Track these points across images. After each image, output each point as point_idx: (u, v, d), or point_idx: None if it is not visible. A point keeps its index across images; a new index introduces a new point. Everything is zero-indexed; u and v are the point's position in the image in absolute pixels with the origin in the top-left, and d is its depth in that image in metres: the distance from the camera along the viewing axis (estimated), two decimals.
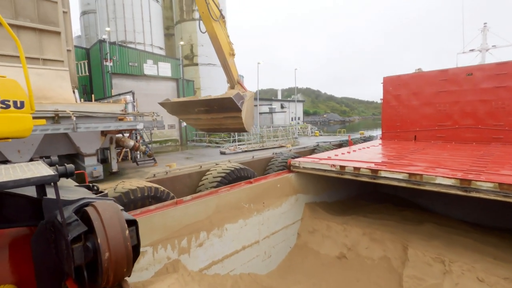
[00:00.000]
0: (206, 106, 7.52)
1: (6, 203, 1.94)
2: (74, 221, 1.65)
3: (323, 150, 14.66)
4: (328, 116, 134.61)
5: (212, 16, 7.04)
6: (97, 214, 1.59)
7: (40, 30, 10.55)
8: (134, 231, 1.77)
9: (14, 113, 2.45)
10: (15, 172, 1.50)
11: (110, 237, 1.54)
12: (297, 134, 28.30)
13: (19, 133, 2.55)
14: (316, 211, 8.18)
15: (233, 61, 7.92)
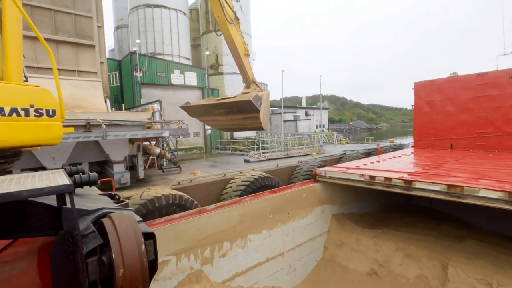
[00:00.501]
0: (226, 108, 7.66)
1: (29, 212, 1.93)
2: (91, 233, 1.58)
3: (351, 159, 14.10)
4: (354, 123, 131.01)
5: (227, 19, 7.18)
6: (113, 227, 1.51)
7: (76, 44, 11.24)
8: (151, 245, 1.66)
9: (46, 121, 2.52)
10: (33, 181, 1.47)
11: (125, 252, 1.44)
12: (322, 142, 27.66)
13: (50, 141, 2.61)
14: (344, 223, 7.77)
15: (247, 61, 8.01)
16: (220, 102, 7.62)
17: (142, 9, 31.00)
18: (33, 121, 2.37)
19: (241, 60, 7.80)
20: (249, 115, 7.75)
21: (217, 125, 9.08)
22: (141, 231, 1.61)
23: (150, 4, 30.61)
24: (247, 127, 8.77)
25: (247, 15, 35.39)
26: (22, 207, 1.90)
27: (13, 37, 2.38)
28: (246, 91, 8.09)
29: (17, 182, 1.45)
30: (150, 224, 5.15)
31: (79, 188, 2.42)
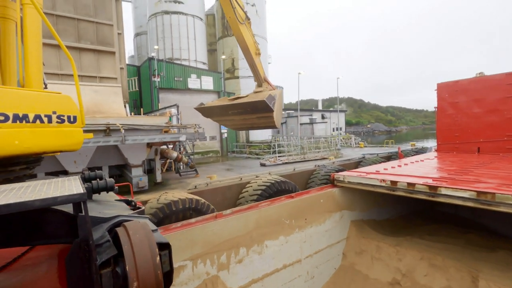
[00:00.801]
0: (240, 109, 7.72)
1: (47, 219, 1.93)
2: (106, 243, 1.55)
3: (370, 163, 13.71)
4: (372, 126, 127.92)
5: (238, 19, 7.23)
6: (127, 237, 1.47)
7: (98, 51, 11.63)
8: (167, 255, 1.60)
9: (67, 127, 2.56)
10: (48, 189, 1.45)
11: (139, 264, 1.39)
12: (340, 145, 27.13)
13: (71, 146, 2.66)
14: (364, 230, 7.50)
15: (259, 60, 8.02)
16: (234, 103, 7.68)
17: (160, 16, 31.79)
18: (55, 127, 2.42)
19: (253, 59, 7.82)
20: (263, 114, 7.77)
21: (231, 124, 9.17)
22: (156, 241, 1.56)
23: (168, 11, 31.34)
24: (260, 126, 8.85)
25: (263, 19, 35.48)
26: (41, 214, 1.90)
27: (34, 45, 2.44)
28: (258, 89, 8.13)
29: (33, 190, 1.44)
30: (167, 228, 5.16)
31: (96, 193, 2.44)
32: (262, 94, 7.77)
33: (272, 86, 8.18)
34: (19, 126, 2.12)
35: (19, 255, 3.01)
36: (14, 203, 1.19)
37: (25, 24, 2.55)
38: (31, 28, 2.57)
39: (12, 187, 1.61)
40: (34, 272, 2.89)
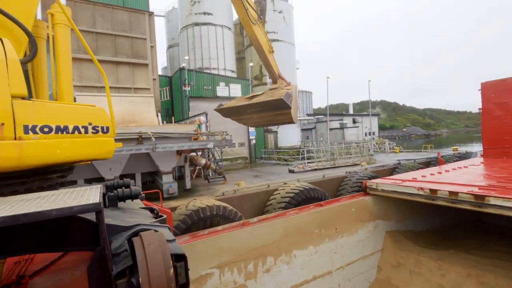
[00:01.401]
0: (258, 108, 7.89)
1: (72, 226, 1.97)
2: (123, 252, 1.54)
3: (406, 169, 12.89)
4: (408, 130, 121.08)
5: (251, 20, 7.42)
6: (142, 248, 1.44)
7: (133, 64, 12.31)
8: (182, 267, 1.55)
9: (101, 137, 2.73)
10: (69, 198, 1.48)
11: (153, 276, 1.36)
12: (372, 151, 25.96)
13: (104, 155, 2.81)
14: (401, 242, 6.99)
15: (273, 58, 8.16)
16: (252, 102, 7.81)
17: (191, 28, 33.13)
18: (90, 137, 2.59)
19: (266, 57, 7.99)
20: (281, 111, 7.91)
21: (249, 122, 9.45)
22: (171, 253, 1.52)
23: (198, 22, 32.57)
24: (278, 122, 9.11)
25: (290, 25, 35.48)
26: (68, 222, 1.96)
27: (65, 61, 2.62)
28: (273, 86, 8.27)
29: (55, 200, 1.48)
30: (195, 235, 5.20)
31: (121, 201, 2.48)
32: (278, 91, 7.87)
33: (287, 81, 8.34)
34: (60, 137, 2.29)
35: (54, 260, 3.16)
36: (31, 213, 1.21)
37: (56, 42, 2.76)
38: (62, 46, 2.77)
39: (39, 196, 1.67)
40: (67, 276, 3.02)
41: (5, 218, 1.17)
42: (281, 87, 8.06)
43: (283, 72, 26.19)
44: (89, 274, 1.66)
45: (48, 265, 3.05)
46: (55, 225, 2.00)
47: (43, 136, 2.17)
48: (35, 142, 2.11)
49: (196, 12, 33.07)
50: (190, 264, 4.96)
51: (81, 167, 7.76)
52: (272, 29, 33.95)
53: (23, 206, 1.36)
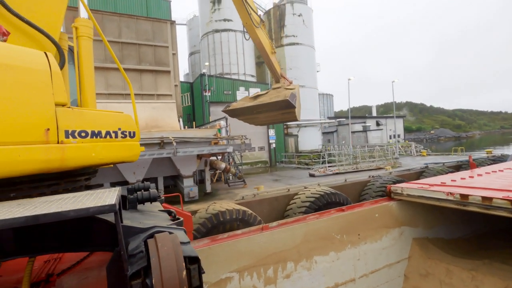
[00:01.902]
0: (265, 108, 8.17)
1: (93, 228, 2.04)
2: (139, 253, 1.56)
3: (435, 173, 12.27)
4: (436, 132, 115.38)
5: (254, 24, 7.70)
6: (156, 249, 1.46)
7: (156, 71, 12.74)
8: (196, 270, 1.55)
9: (129, 142, 2.94)
10: (87, 200, 1.52)
11: (165, 278, 1.37)
12: (398, 154, 24.98)
13: (131, 158, 3.01)
14: (429, 250, 6.62)
15: (275, 58, 8.52)
16: (260, 103, 8.08)
17: (211, 35, 33.86)
18: (120, 141, 2.81)
19: (269, 58, 8.35)
20: (286, 111, 8.28)
21: (255, 122, 9.76)
22: (184, 255, 1.52)
23: (218, 29, 33.23)
24: (283, 120, 9.68)
25: (310, 28, 35.23)
26: (90, 223, 2.03)
27: (88, 71, 2.81)
28: (276, 86, 8.57)
29: (75, 201, 1.53)
30: (214, 239, 5.23)
31: (141, 204, 2.55)
32: (282, 91, 8.19)
33: (289, 80, 8.71)
34: (95, 141, 2.50)
35: (80, 260, 3.29)
36: (50, 213, 1.26)
37: (80, 53, 2.98)
38: (85, 57, 3.00)
39: (61, 197, 1.75)
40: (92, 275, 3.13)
41: (27, 218, 1.23)
42: (284, 86, 8.38)
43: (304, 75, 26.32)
44: (107, 273, 1.70)
45: (75, 265, 3.18)
46: (78, 226, 2.08)
47: (80, 140, 2.38)
48: (74, 145, 2.32)
49: (216, 19, 33.77)
50: (210, 268, 4.98)
51: (106, 171, 8.11)
52: (291, 32, 33.90)
53: (46, 206, 1.42)
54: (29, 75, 2.05)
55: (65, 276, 2.98)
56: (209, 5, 33.99)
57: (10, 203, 1.70)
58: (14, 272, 2.93)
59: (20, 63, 2.02)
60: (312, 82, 34.60)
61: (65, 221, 1.90)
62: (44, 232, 2.04)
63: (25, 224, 1.23)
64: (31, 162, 2.02)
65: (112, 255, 1.70)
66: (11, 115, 1.92)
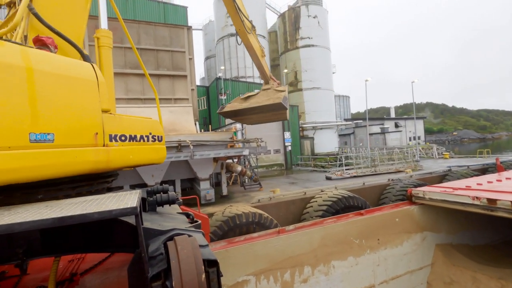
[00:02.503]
0: (259, 110, 8.63)
1: (115, 229, 2.09)
2: (159, 255, 1.58)
3: (458, 176, 11.77)
4: (459, 133, 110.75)
5: (246, 30, 8.11)
6: (175, 252, 1.47)
7: (173, 76, 13.01)
8: (215, 273, 1.55)
9: (157, 145, 3.17)
10: (110, 203, 1.56)
11: (185, 281, 1.37)
12: (418, 157, 24.17)
13: (159, 160, 3.24)
14: (454, 256, 6.34)
15: (264, 61, 9.03)
16: (255, 105, 8.46)
17: (226, 39, 34.31)
18: (151, 145, 3.04)
19: (260, 61, 8.88)
20: (278, 112, 8.95)
21: (247, 122, 10.26)
22: (203, 258, 1.53)
23: (233, 33, 33.64)
24: (274, 120, 10.17)
25: (325, 29, 34.95)
26: (112, 225, 2.09)
27: (108, 78, 2.97)
28: (266, 87, 9.11)
29: (98, 203, 1.58)
30: (231, 241, 5.24)
31: (160, 206, 2.60)
32: (273, 92, 8.76)
33: (277, 82, 9.25)
34: (132, 144, 2.74)
35: (102, 260, 3.39)
36: (76, 215, 1.30)
37: (101, 62, 3.17)
38: (106, 65, 3.20)
39: (85, 200, 1.81)
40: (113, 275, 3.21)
41: (54, 220, 1.28)
42: (273, 87, 8.94)
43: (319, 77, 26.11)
44: (129, 274, 1.74)
45: (97, 265, 3.27)
46: (100, 228, 2.15)
47: (121, 144, 2.59)
48: (117, 148, 2.54)
49: (231, 23, 34.11)
50: (227, 270, 4.99)
51: (126, 173, 8.34)
52: (306, 34, 33.75)
53: (71, 208, 1.47)
54: (81, 85, 2.28)
55: (87, 276, 3.07)
56: (224, 10, 34.47)
57: (38, 205, 1.78)
58: (40, 270, 3.06)
59: (73, 74, 2.24)
60: (327, 84, 34.23)
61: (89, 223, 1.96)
62: (69, 233, 2.12)
63: (52, 225, 1.28)
64: (84, 163, 2.23)
65: (133, 257, 1.73)
66: (70, 120, 2.14)
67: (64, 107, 2.10)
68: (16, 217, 1.36)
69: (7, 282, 2.84)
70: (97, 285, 2.99)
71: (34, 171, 1.88)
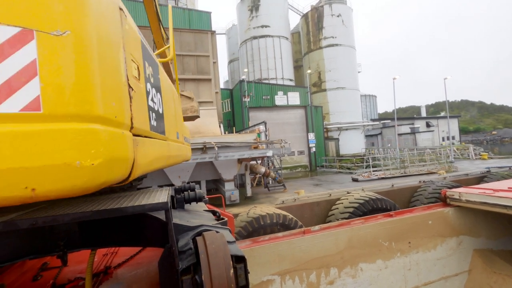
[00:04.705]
0: None
1: (145, 224, 2.19)
2: (188, 250, 1.63)
3: (499, 178, 10.96)
4: (499, 132, 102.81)
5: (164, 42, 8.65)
6: (204, 246, 1.51)
7: (197, 80, 13.36)
8: (242, 269, 1.57)
9: (187, 145, 3.64)
10: (142, 198, 1.64)
11: (214, 276, 1.40)
12: (452, 158, 22.81)
13: (188, 157, 3.74)
14: (494, 263, 5.90)
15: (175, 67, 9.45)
16: None
17: (250, 42, 34.61)
18: (188, 144, 3.65)
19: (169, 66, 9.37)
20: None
21: None
22: (231, 254, 1.55)
23: (256, 36, 33.88)
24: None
25: (350, 28, 34.14)
26: (144, 220, 2.19)
27: None
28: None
29: (132, 199, 1.65)
30: (256, 241, 5.26)
31: (187, 203, 2.67)
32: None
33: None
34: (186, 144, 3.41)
35: (133, 254, 3.55)
36: (113, 209, 1.38)
37: None
38: None
39: (119, 195, 1.91)
40: (144, 269, 3.35)
41: (93, 212, 1.36)
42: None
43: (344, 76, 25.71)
44: (159, 268, 1.81)
45: (129, 259, 3.43)
46: (133, 223, 2.26)
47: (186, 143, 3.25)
48: (185, 146, 3.16)
49: (254, 26, 34.42)
50: (251, 269, 5.02)
51: (154, 174, 8.69)
52: (330, 34, 33.19)
53: (107, 203, 1.56)
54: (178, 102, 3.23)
55: (120, 269, 3.24)
56: (247, 13, 34.84)
57: (77, 200, 1.91)
58: (78, 263, 3.27)
59: (176, 96, 3.10)
60: (353, 83, 33.36)
61: (123, 218, 2.07)
62: (104, 227, 2.25)
63: (91, 218, 1.36)
64: (181, 156, 2.90)
65: (163, 251, 1.80)
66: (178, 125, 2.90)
67: (179, 116, 2.92)
68: (59, 210, 1.48)
69: (49, 273, 3.06)
70: (129, 277, 3.14)
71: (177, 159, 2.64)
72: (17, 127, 1.05)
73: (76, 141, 1.12)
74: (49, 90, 1.11)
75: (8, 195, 1.06)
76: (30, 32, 1.10)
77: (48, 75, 1.11)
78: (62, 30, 1.13)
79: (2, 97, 1.07)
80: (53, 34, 1.12)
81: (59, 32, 1.12)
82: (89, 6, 1.19)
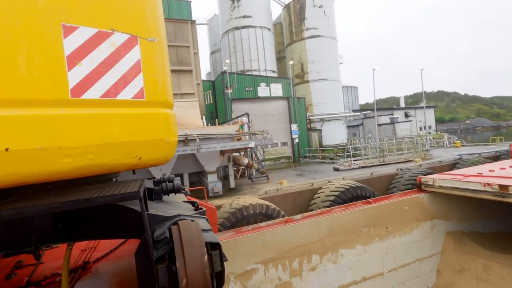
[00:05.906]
0: None
1: (121, 216, 2.15)
2: (164, 239, 1.62)
3: (470, 164, 11.56)
4: (472, 121, 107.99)
5: None
6: (179, 235, 1.51)
7: (178, 71, 13.06)
8: (217, 255, 1.59)
9: None
10: (115, 189, 1.60)
11: (188, 262, 1.41)
12: (428, 146, 23.76)
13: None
14: (465, 244, 6.27)
15: None
16: None
17: (231, 32, 34.07)
18: None
19: None
20: None
21: None
22: (206, 241, 1.56)
23: (238, 26, 33.37)
24: None
25: (331, 19, 34.30)
26: (119, 211, 2.15)
27: None
28: None
29: (103, 190, 1.62)
30: (239, 231, 5.31)
31: (166, 195, 2.65)
32: None
33: None
34: None
35: (113, 248, 3.49)
36: (81, 199, 1.35)
37: None
38: None
39: (91, 187, 1.86)
40: (124, 263, 3.31)
41: (61, 203, 1.33)
42: None
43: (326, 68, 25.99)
44: (136, 259, 1.79)
45: (108, 253, 3.37)
46: (108, 215, 2.21)
47: None
48: None
49: (236, 17, 33.86)
50: (235, 259, 5.08)
51: None
52: (312, 25, 33.23)
53: (77, 194, 1.52)
54: None
55: (100, 263, 3.18)
56: (228, 3, 34.15)
57: (48, 193, 1.85)
58: (55, 259, 3.18)
59: None
60: (335, 75, 33.75)
61: (97, 210, 2.02)
62: (79, 220, 2.19)
63: (60, 208, 1.33)
64: None
65: (140, 242, 1.79)
66: None
67: None
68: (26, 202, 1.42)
69: (24, 270, 2.96)
70: (109, 271, 3.10)
71: None
72: (131, 110, 1.47)
73: (165, 122, 1.59)
74: (148, 83, 1.50)
75: (124, 162, 1.52)
76: (135, 38, 1.50)
77: (147, 72, 1.50)
78: (154, 37, 1.54)
79: (120, 87, 1.43)
80: (149, 40, 1.51)
81: (152, 39, 1.52)
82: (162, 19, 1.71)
